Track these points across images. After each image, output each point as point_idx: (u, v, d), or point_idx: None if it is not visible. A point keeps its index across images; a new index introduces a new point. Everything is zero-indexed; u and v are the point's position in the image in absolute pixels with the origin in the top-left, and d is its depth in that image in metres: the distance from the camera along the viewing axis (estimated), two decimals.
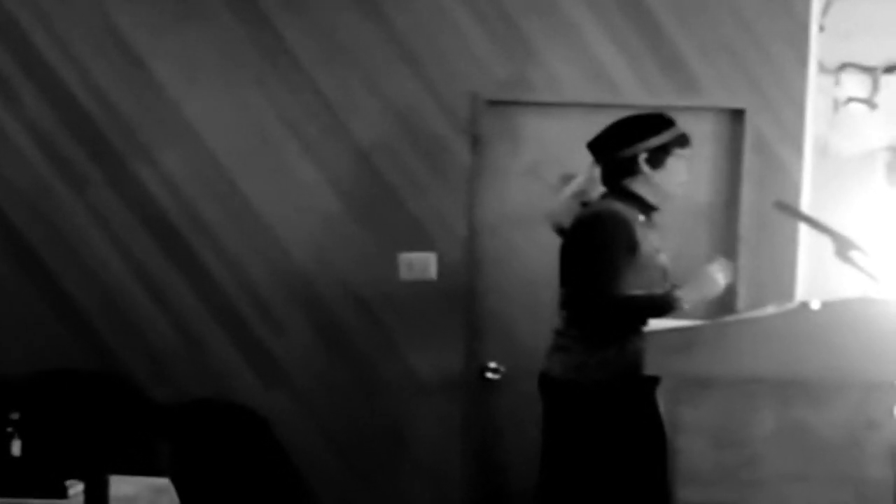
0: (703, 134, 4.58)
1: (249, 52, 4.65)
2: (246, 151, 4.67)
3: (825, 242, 3.65)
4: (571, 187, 4.10)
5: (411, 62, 4.65)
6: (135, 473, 3.79)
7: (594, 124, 3.96)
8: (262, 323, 4.70)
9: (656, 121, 3.88)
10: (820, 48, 4.69)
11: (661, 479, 3.42)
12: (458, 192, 4.68)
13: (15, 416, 3.68)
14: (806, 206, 4.64)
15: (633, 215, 3.82)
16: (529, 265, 4.64)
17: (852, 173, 4.72)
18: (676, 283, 3.80)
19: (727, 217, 4.74)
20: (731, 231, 4.72)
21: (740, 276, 4.58)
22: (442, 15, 4.64)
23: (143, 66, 4.64)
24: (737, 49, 4.67)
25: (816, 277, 4.61)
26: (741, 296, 4.61)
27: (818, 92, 4.71)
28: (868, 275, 3.56)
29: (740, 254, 4.64)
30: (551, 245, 3.99)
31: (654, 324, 3.52)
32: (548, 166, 4.66)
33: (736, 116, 4.72)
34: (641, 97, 4.59)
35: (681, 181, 3.90)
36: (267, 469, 4.54)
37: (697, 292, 3.75)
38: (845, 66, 4.71)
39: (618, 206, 3.83)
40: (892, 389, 3.23)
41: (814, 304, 3.32)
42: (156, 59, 4.64)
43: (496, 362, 4.73)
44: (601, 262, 3.72)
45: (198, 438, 4.51)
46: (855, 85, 4.72)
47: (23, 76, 4.63)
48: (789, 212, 4.00)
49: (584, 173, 4.05)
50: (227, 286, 4.69)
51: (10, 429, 3.67)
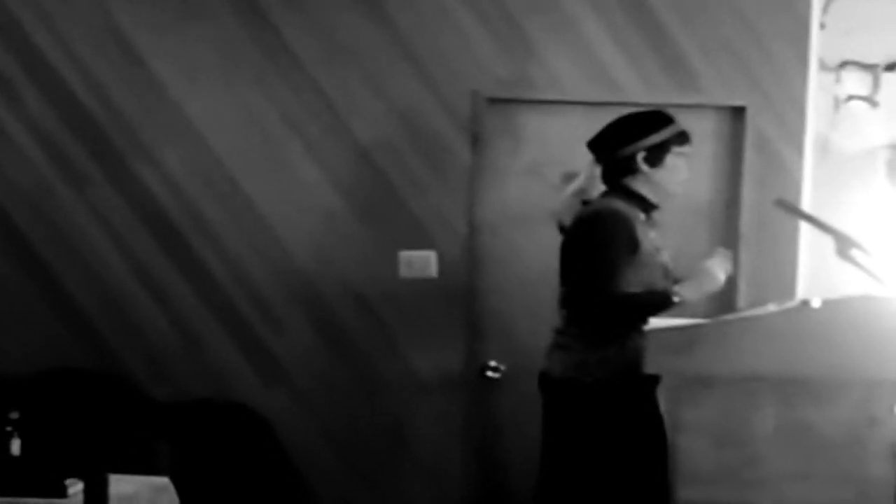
0: (703, 132, 4.58)
1: (250, 51, 4.65)
2: (247, 151, 4.67)
3: (826, 240, 3.64)
4: (572, 186, 4.09)
5: (412, 61, 4.64)
6: (134, 473, 3.80)
7: (595, 122, 3.95)
8: (262, 322, 4.70)
9: (655, 118, 3.87)
10: (821, 46, 4.68)
11: (662, 478, 3.41)
12: (458, 191, 4.68)
13: (15, 415, 3.68)
14: (807, 204, 4.63)
15: (634, 214, 3.81)
16: (530, 264, 4.63)
17: (853, 171, 4.71)
18: (679, 279, 3.79)
19: (728, 215, 4.74)
20: (731, 229, 4.71)
21: (741, 274, 4.58)
22: (443, 13, 4.64)
23: (144, 65, 4.64)
24: (737, 47, 4.66)
25: (817, 275, 4.61)
26: (742, 294, 4.61)
27: (819, 90, 4.70)
28: (869, 273, 3.55)
29: (741, 252, 4.63)
30: (551, 244, 3.98)
31: (654, 322, 3.51)
32: (549, 165, 4.65)
33: (737, 114, 4.71)
34: (642, 95, 4.58)
35: (681, 179, 3.89)
36: (267, 468, 4.54)
37: (697, 288, 3.74)
38: (846, 63, 4.70)
39: (618, 204, 3.82)
40: (894, 387, 3.22)
41: (815, 303, 3.32)
42: (157, 58, 4.64)
43: (496, 361, 4.72)
44: (601, 261, 3.71)
45: (198, 438, 4.51)
46: (856, 82, 4.71)
47: (25, 76, 4.64)
48: (790, 210, 3.99)
49: (584, 172, 4.04)
50: (227, 285, 4.69)
51: (9, 428, 3.67)
